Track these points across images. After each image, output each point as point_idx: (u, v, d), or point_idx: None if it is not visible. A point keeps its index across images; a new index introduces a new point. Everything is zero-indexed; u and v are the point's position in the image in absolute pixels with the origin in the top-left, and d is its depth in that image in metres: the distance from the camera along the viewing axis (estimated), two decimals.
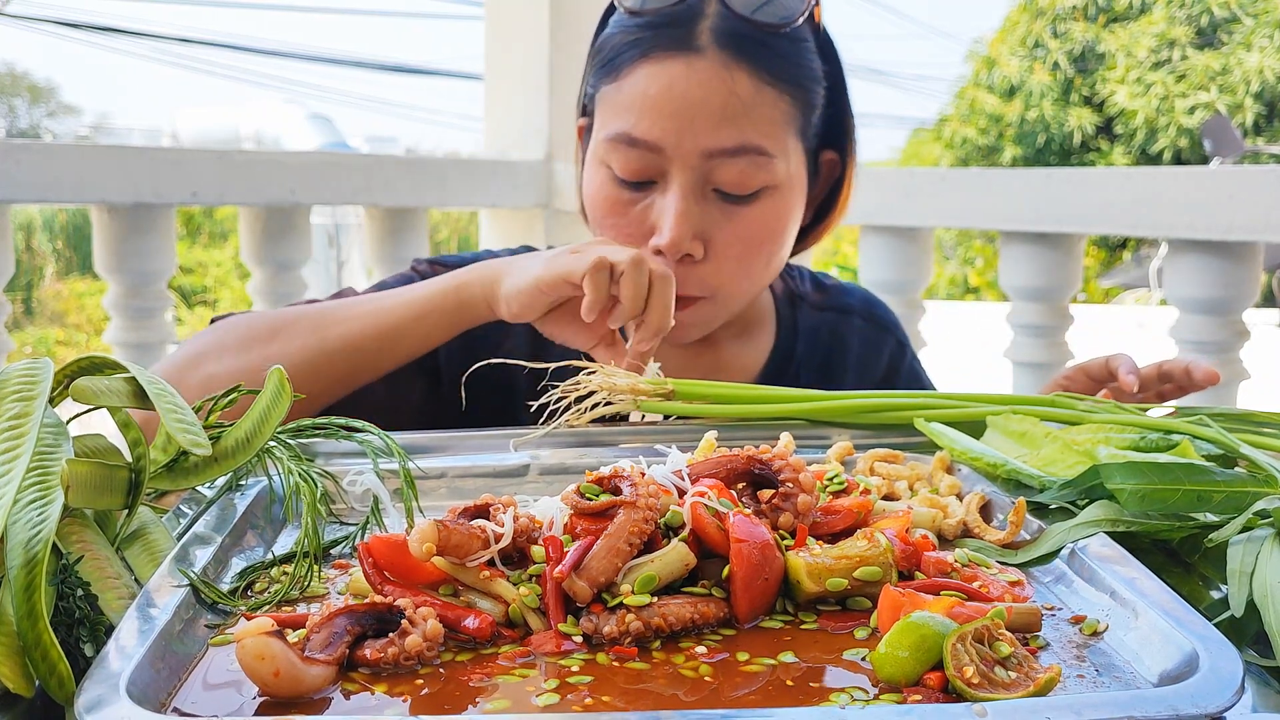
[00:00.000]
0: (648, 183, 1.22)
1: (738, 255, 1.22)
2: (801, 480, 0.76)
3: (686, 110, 1.17)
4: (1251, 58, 13.84)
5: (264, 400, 0.91)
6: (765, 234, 1.23)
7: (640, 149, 1.19)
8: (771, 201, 1.22)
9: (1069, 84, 15.20)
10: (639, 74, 1.20)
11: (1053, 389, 1.36)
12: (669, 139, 1.18)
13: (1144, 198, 2.33)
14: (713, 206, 1.21)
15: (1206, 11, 14.41)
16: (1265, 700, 0.63)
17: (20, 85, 24.22)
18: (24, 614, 0.60)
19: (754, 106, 1.18)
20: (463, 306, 1.16)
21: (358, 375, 1.19)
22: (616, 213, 1.23)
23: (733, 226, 1.21)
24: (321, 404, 1.19)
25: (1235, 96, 13.91)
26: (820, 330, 1.44)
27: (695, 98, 1.17)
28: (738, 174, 1.19)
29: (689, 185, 1.19)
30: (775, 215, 1.23)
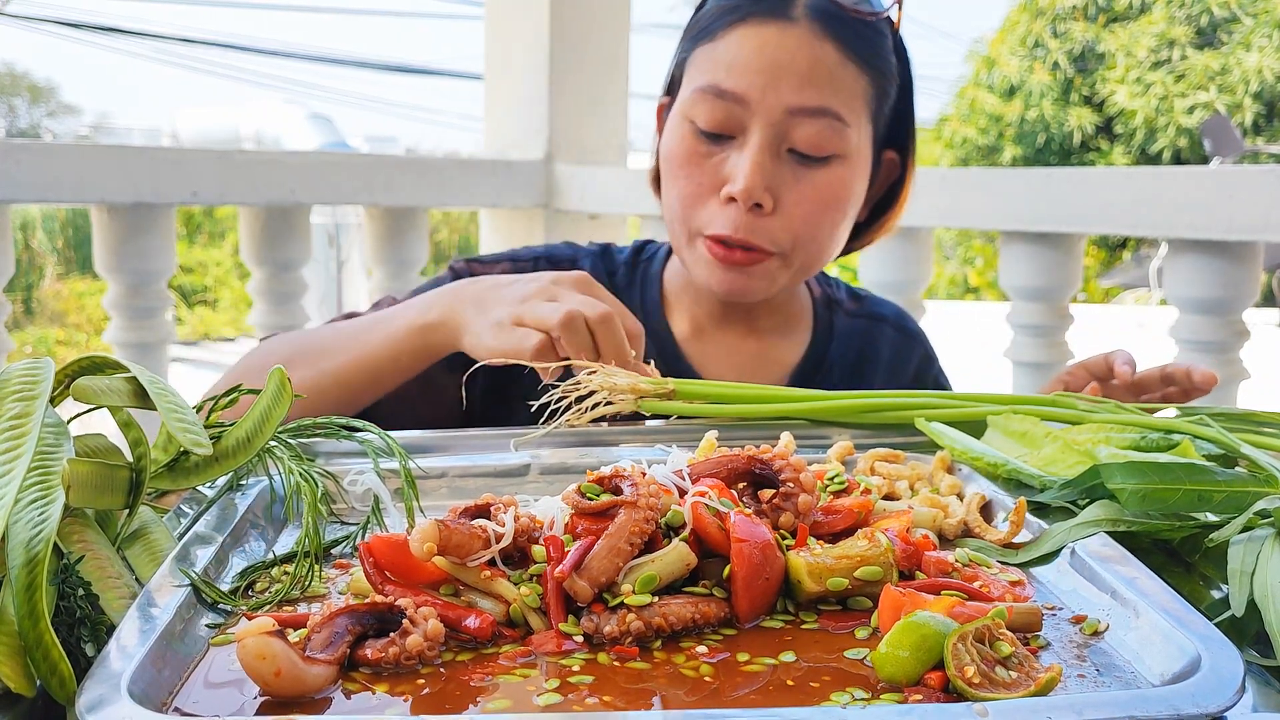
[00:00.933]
0: (727, 138, 1.27)
1: (804, 215, 1.28)
2: (802, 480, 0.76)
3: (774, 68, 1.25)
4: (1251, 58, 13.84)
5: (264, 400, 0.91)
6: (832, 199, 1.29)
7: (727, 100, 1.26)
8: (841, 170, 1.28)
9: (1069, 84, 15.20)
10: (734, 35, 1.27)
11: (1054, 387, 1.37)
12: (754, 92, 1.25)
13: (1144, 198, 2.33)
14: (785, 166, 1.27)
15: (1206, 11, 14.41)
16: (1266, 700, 0.63)
17: (20, 85, 24.21)
18: (25, 613, 0.60)
19: (837, 76, 1.26)
20: (430, 349, 1.21)
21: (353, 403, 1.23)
22: (693, 163, 1.29)
23: (802, 187, 1.27)
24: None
25: (1235, 96, 13.91)
26: (854, 335, 1.48)
27: (784, 58, 1.25)
28: (814, 135, 1.25)
29: (767, 140, 1.25)
30: (843, 183, 1.29)
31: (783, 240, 1.28)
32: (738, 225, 1.26)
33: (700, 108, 1.27)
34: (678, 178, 1.30)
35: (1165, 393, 1.34)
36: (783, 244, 1.29)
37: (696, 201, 1.29)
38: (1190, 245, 2.33)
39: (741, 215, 1.25)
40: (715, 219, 1.28)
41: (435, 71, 45.30)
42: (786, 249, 1.29)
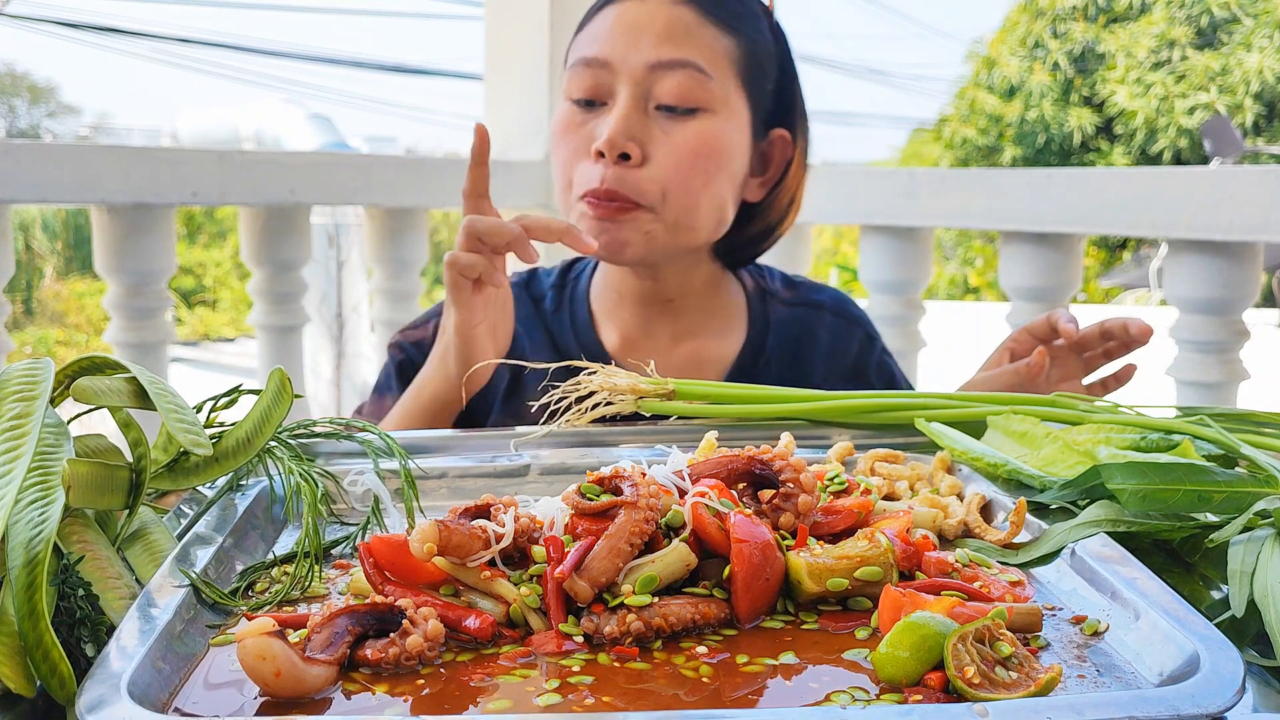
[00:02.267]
0: (599, 104, 1.34)
1: (673, 166, 1.32)
2: (802, 480, 0.76)
3: (634, 30, 1.32)
4: (1251, 58, 13.84)
5: (265, 400, 0.91)
6: (702, 149, 1.32)
7: (594, 67, 1.33)
8: (709, 122, 1.33)
9: (1069, 84, 15.20)
10: (600, 15, 1.37)
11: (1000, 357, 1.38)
12: (617, 54, 1.32)
13: (1144, 198, 2.33)
14: (654, 122, 1.32)
15: (1206, 12, 14.41)
16: (1266, 700, 0.63)
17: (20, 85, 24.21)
18: (25, 614, 0.60)
19: (695, 33, 1.32)
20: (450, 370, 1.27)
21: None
22: (569, 131, 1.35)
23: (670, 140, 1.32)
24: None
25: (1235, 97, 13.91)
26: (791, 324, 1.49)
27: (644, 20, 1.33)
28: (676, 86, 1.31)
29: (632, 98, 1.32)
30: (712, 134, 1.33)
31: (652, 192, 1.32)
32: (605, 177, 1.31)
33: (573, 82, 1.35)
34: (558, 148, 1.37)
35: (1106, 348, 1.36)
36: (652, 196, 1.32)
37: (573, 166, 1.35)
38: (1190, 245, 2.33)
39: (609, 167, 1.31)
40: (587, 176, 1.33)
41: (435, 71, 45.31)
42: (656, 202, 1.32)
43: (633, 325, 1.44)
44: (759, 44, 1.37)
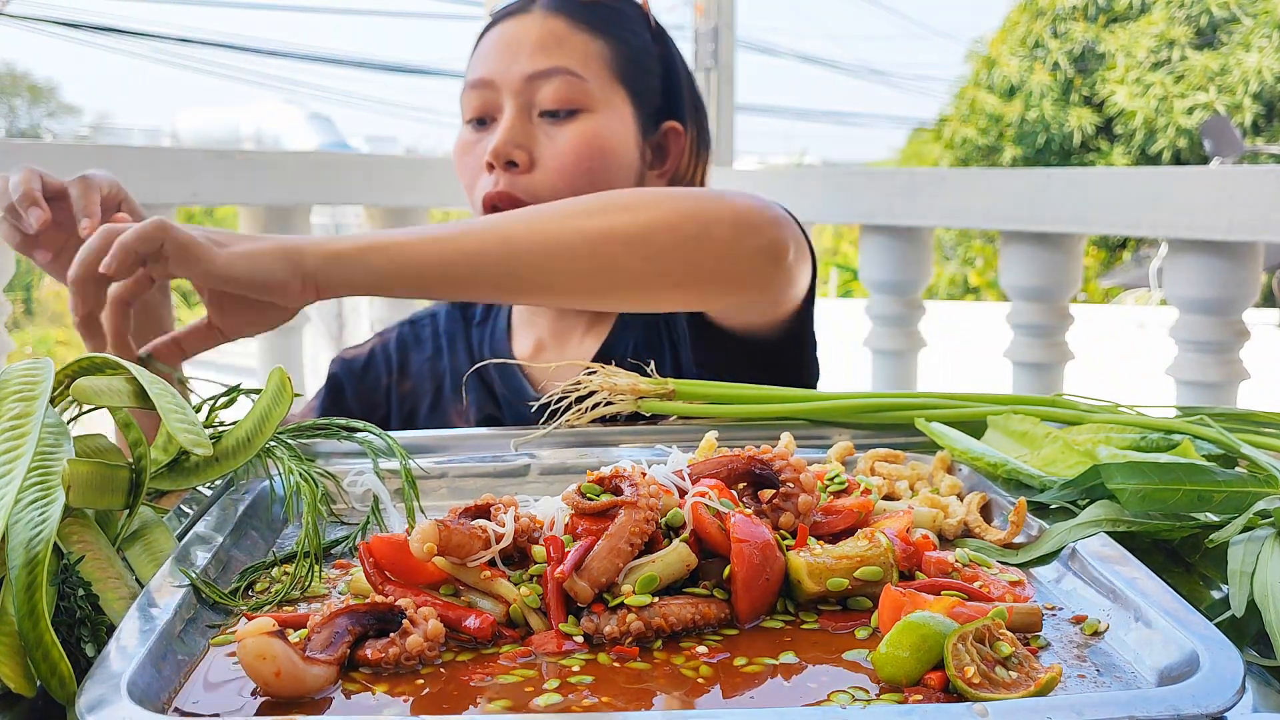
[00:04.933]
0: (490, 122, 1.40)
1: (560, 167, 1.37)
2: (802, 480, 0.76)
3: (512, 47, 1.39)
4: (1251, 58, 13.83)
5: (264, 400, 0.91)
6: (584, 149, 1.37)
7: (479, 89, 1.40)
8: (590, 123, 1.38)
9: (1069, 84, 15.19)
10: (484, 39, 1.44)
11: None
12: (498, 71, 1.39)
13: (1144, 198, 2.33)
14: (538, 128, 1.38)
15: (1206, 12, 14.40)
16: (1266, 700, 0.63)
17: (20, 85, 24.20)
18: (25, 614, 0.60)
19: (567, 41, 1.39)
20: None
21: None
22: (465, 152, 1.41)
23: (554, 143, 1.37)
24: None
25: (1234, 97, 13.91)
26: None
27: (520, 36, 1.39)
28: (553, 91, 1.37)
29: (516, 109, 1.38)
30: (594, 133, 1.38)
31: (543, 193, 1.35)
32: (497, 181, 1.36)
33: (465, 105, 1.42)
34: (460, 171, 1.42)
35: None
36: (543, 197, 1.34)
37: (473, 182, 1.40)
38: (1190, 245, 2.33)
39: (500, 174, 1.36)
40: (484, 188, 1.37)
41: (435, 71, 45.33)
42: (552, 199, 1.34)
43: (546, 330, 1.48)
44: (634, 45, 1.44)
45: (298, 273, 1.10)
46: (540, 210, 1.17)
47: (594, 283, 1.16)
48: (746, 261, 1.19)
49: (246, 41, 28.62)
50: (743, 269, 1.20)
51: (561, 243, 1.14)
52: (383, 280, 1.12)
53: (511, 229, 1.14)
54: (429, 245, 1.12)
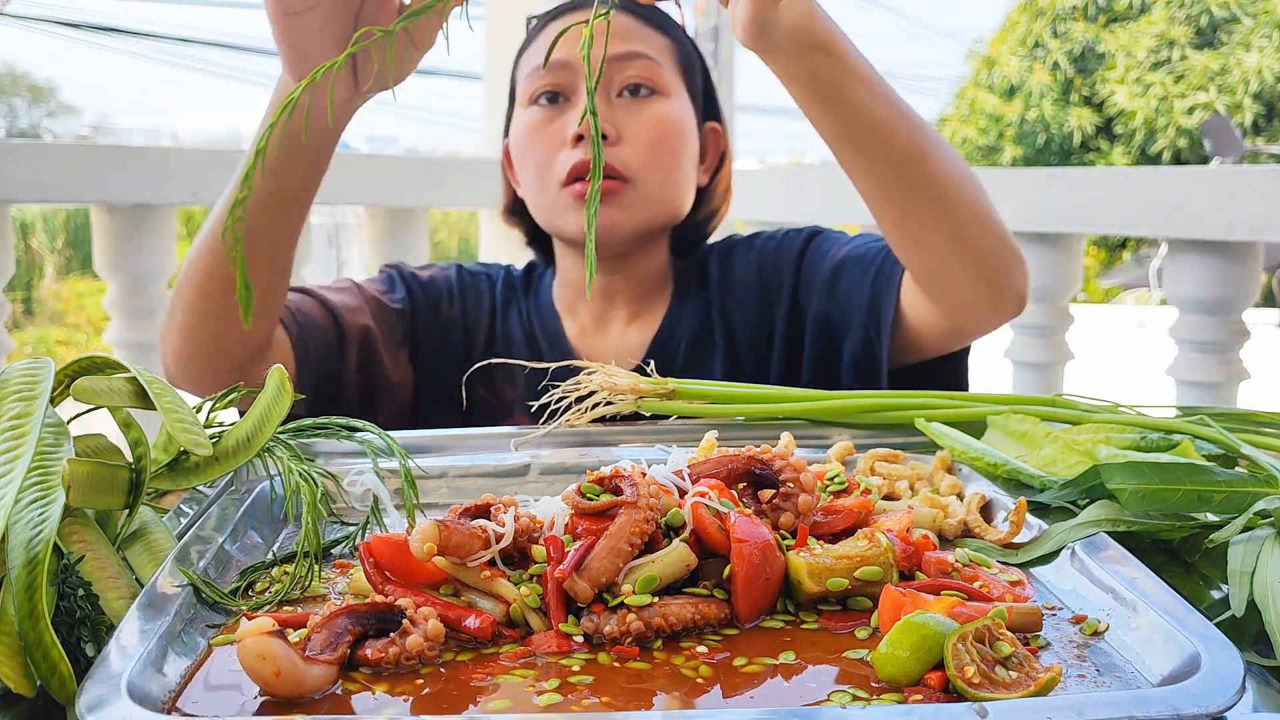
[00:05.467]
0: (563, 100, 1.42)
1: (646, 140, 1.41)
2: (802, 480, 0.76)
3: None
4: (1251, 58, 13.83)
5: (264, 400, 0.91)
6: (666, 127, 1.42)
7: (554, 70, 1.40)
8: (666, 104, 1.43)
9: (1069, 84, 15.20)
10: (547, 30, 1.46)
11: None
12: (576, 55, 1.38)
13: (1144, 198, 2.33)
14: (619, 107, 1.41)
15: (1206, 11, 14.40)
16: (1266, 700, 0.63)
17: (20, 85, 24.19)
18: (25, 614, 0.60)
19: (639, 33, 1.44)
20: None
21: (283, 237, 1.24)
22: (537, 131, 1.41)
23: (637, 119, 1.41)
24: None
25: (1234, 97, 13.91)
26: (719, 261, 1.52)
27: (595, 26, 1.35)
28: (635, 73, 1.41)
29: (599, 87, 1.40)
30: (672, 115, 1.43)
31: (633, 164, 1.39)
32: (586, 152, 1.36)
33: (534, 84, 1.42)
34: (531, 149, 1.42)
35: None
36: (633, 168, 1.39)
37: (550, 160, 1.40)
38: (1190, 245, 2.33)
39: (590, 147, 1.34)
40: (569, 161, 1.38)
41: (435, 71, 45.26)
42: (637, 174, 1.39)
43: (588, 315, 1.50)
44: (687, 45, 1.50)
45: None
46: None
47: (955, 217, 1.20)
48: (1010, 300, 1.28)
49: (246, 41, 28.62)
50: (998, 303, 1.27)
51: (963, 175, 1.21)
52: (832, 80, 1.10)
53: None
54: (883, 86, 1.14)
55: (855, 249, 1.41)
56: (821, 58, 1.08)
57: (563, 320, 1.51)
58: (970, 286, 1.24)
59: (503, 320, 1.51)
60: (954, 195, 1.19)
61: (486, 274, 1.56)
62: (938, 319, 1.30)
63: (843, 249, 1.42)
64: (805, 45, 1.06)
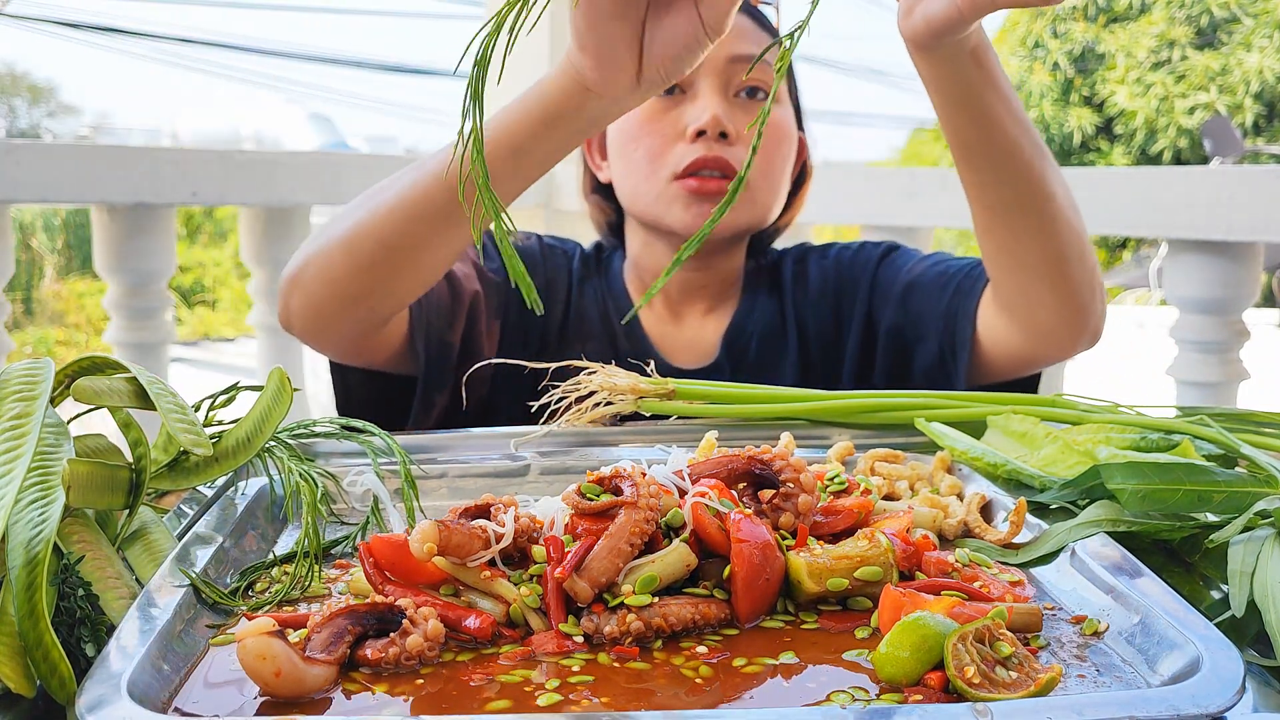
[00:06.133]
0: (679, 92, 1.40)
1: (763, 142, 1.37)
2: (802, 480, 0.76)
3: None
4: (1251, 58, 13.83)
5: (264, 400, 0.91)
6: (778, 133, 1.43)
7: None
8: (778, 110, 1.44)
9: (1069, 84, 15.19)
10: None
11: None
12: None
13: (1144, 198, 2.33)
14: (736, 106, 1.41)
15: (1206, 12, 14.39)
16: (1266, 700, 0.63)
17: (20, 85, 24.19)
18: (25, 614, 0.60)
19: (756, 34, 1.43)
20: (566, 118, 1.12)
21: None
22: (652, 119, 1.40)
23: (753, 120, 1.34)
24: (412, 277, 1.21)
25: (1235, 97, 13.90)
26: (796, 268, 1.54)
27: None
28: (755, 75, 1.40)
29: (716, 87, 1.39)
30: (785, 120, 1.44)
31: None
32: (711, 149, 1.37)
33: None
34: (640, 137, 1.41)
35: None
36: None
37: (664, 151, 1.40)
38: (1190, 245, 2.33)
39: (711, 143, 1.37)
40: (687, 155, 1.38)
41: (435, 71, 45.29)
42: (750, 176, 1.35)
43: (664, 308, 1.50)
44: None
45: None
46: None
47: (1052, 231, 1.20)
48: (1089, 331, 1.29)
49: (246, 41, 28.63)
50: (1079, 333, 1.29)
51: (1073, 204, 1.23)
52: (978, 90, 1.11)
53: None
54: (1018, 106, 1.16)
55: (932, 265, 1.43)
56: (974, 68, 1.10)
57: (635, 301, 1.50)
58: (1056, 313, 1.25)
59: (579, 297, 1.50)
60: (1062, 222, 1.20)
61: (563, 248, 1.56)
62: (1015, 343, 1.31)
63: (919, 264, 1.44)
64: (963, 52, 1.08)
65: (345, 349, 1.31)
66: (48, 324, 12.03)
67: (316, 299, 1.23)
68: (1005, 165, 1.16)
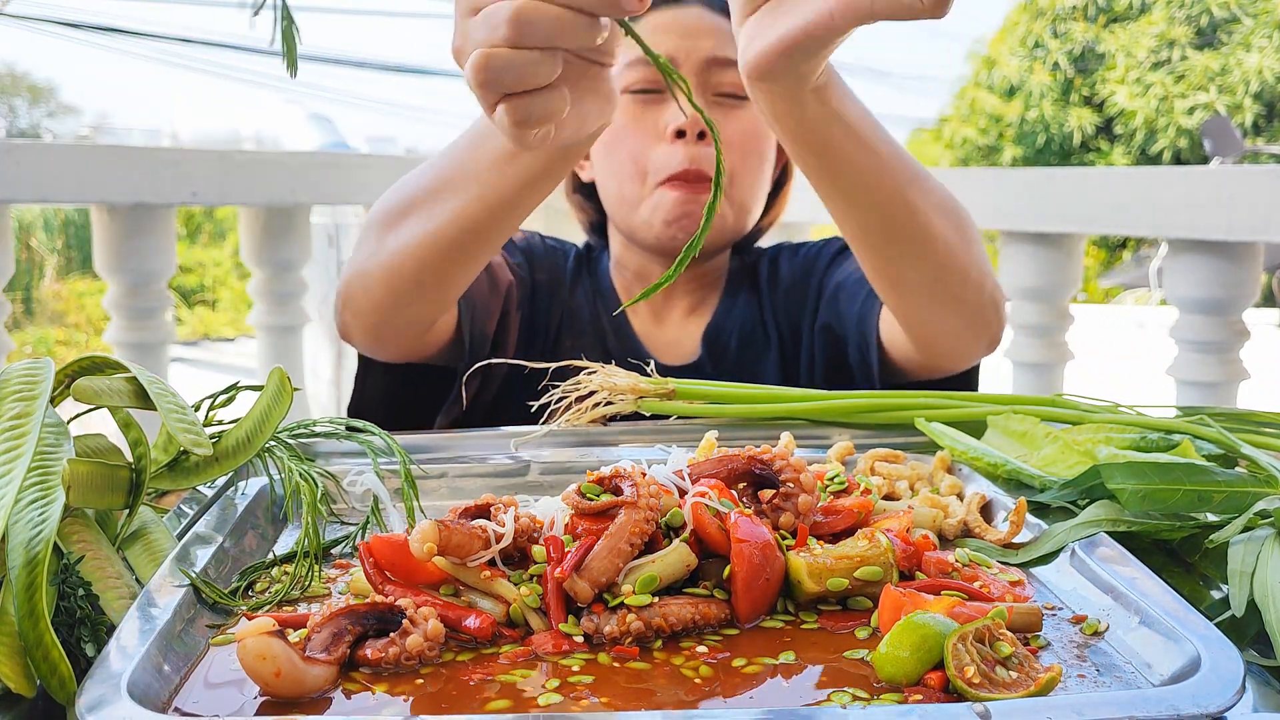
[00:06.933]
0: (657, 92, 1.40)
1: (739, 145, 1.41)
2: (802, 480, 0.76)
3: (689, 31, 1.40)
4: (1251, 58, 13.83)
5: (264, 400, 0.91)
6: (755, 135, 1.42)
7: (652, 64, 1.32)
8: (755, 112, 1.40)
9: (1069, 84, 15.19)
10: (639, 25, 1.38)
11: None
12: (681, 49, 1.39)
13: (1144, 198, 2.33)
14: (714, 108, 1.40)
15: (1206, 12, 14.40)
16: (1266, 700, 0.63)
17: (20, 85, 24.18)
18: (25, 614, 0.60)
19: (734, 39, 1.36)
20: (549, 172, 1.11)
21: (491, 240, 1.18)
22: (632, 119, 1.40)
23: (731, 123, 1.41)
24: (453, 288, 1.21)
25: (1235, 97, 13.90)
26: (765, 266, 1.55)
27: (692, 24, 1.40)
28: (734, 79, 1.39)
29: (694, 86, 1.38)
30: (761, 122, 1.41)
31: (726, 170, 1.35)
32: (692, 157, 1.36)
33: (631, 75, 1.39)
34: (623, 138, 1.40)
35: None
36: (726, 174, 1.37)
37: (645, 151, 1.39)
38: (1190, 245, 2.33)
39: (691, 146, 1.37)
40: (669, 159, 1.37)
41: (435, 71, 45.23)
42: (728, 182, 1.41)
43: (647, 309, 1.51)
44: None
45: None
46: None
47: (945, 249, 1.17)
48: (982, 345, 1.32)
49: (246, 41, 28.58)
50: (971, 347, 1.31)
51: (952, 225, 1.18)
52: (819, 127, 1.05)
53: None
54: (875, 135, 1.11)
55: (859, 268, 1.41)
56: (816, 104, 1.03)
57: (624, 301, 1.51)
58: (944, 330, 1.25)
59: (572, 296, 1.51)
60: (938, 246, 1.16)
61: (561, 248, 1.56)
62: (910, 351, 1.31)
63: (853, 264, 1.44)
64: (803, 90, 1.01)
65: (404, 351, 1.32)
66: (48, 324, 12.03)
67: (369, 319, 1.25)
68: (864, 198, 1.12)
